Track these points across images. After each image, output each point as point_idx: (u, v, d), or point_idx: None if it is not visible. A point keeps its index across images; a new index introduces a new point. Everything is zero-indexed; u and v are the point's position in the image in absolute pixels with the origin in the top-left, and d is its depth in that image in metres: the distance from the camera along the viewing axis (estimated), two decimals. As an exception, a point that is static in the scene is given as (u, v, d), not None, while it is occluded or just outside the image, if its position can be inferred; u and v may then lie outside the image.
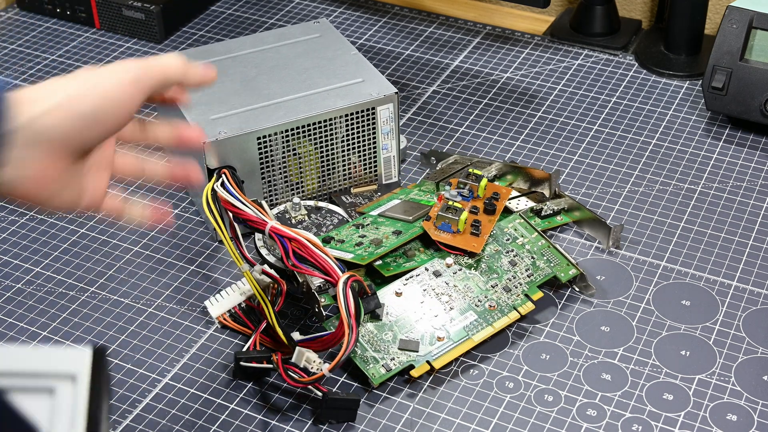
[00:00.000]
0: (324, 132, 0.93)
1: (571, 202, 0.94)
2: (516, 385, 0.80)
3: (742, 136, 1.07)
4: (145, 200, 0.99)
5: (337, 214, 0.94)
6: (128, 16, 1.25)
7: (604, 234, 0.93)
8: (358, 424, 0.77)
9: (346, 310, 0.75)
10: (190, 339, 0.85)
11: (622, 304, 0.87)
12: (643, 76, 1.17)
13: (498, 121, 1.10)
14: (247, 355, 0.79)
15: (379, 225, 0.90)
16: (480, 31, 1.26)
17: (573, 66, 1.19)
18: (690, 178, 1.01)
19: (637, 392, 0.79)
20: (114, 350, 0.84)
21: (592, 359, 0.82)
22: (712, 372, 0.81)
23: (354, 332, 0.74)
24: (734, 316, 0.86)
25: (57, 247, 0.94)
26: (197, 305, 0.88)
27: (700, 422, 0.77)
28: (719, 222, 0.96)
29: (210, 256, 0.93)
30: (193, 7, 1.30)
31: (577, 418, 0.77)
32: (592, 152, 1.05)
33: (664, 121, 1.09)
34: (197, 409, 0.79)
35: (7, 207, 0.99)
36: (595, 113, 1.11)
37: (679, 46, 1.18)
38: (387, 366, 0.79)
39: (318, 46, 1.02)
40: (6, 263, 0.93)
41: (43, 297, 0.89)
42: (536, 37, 1.25)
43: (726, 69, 1.04)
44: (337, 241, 0.88)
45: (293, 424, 0.77)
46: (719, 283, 0.89)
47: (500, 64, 1.19)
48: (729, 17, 1.03)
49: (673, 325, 0.85)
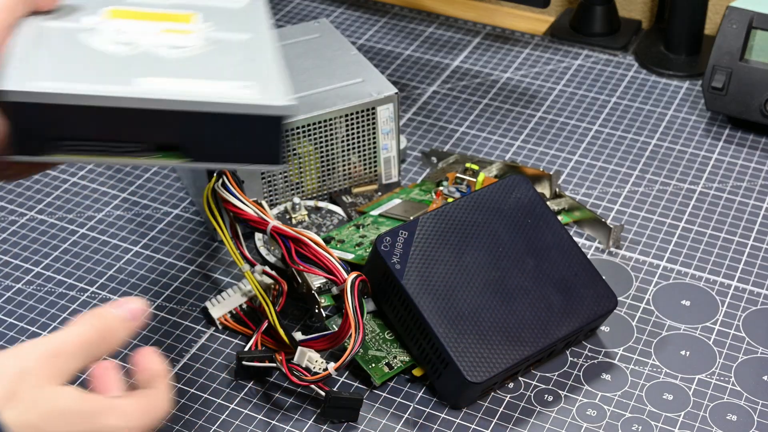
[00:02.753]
0: (324, 132, 0.93)
1: (571, 202, 0.95)
2: (516, 385, 0.80)
3: (742, 136, 1.07)
4: (145, 201, 1.00)
5: (337, 214, 0.94)
6: (128, 16, 1.25)
7: (604, 234, 0.93)
8: (358, 424, 0.77)
9: (353, 309, 0.75)
10: (190, 339, 0.85)
11: (622, 304, 0.87)
12: (643, 76, 1.17)
13: (498, 121, 1.10)
14: (249, 354, 0.79)
15: (379, 225, 0.90)
16: (480, 31, 1.26)
17: (573, 66, 1.19)
18: (690, 178, 1.01)
19: (637, 392, 0.79)
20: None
21: (592, 359, 0.82)
22: (712, 372, 0.81)
23: (360, 332, 0.75)
24: (734, 316, 0.86)
25: (57, 247, 0.94)
26: (197, 305, 0.88)
27: (700, 422, 0.77)
28: (719, 222, 0.96)
29: (210, 256, 0.93)
30: (193, 7, 1.30)
31: (577, 418, 0.78)
32: (592, 152, 1.05)
33: (664, 121, 1.09)
34: (197, 409, 0.79)
35: (7, 207, 0.99)
36: (595, 113, 1.11)
37: (679, 46, 1.18)
38: (389, 365, 0.79)
39: (318, 46, 1.02)
40: (6, 263, 0.93)
41: (43, 297, 0.89)
42: (536, 37, 1.25)
43: (726, 69, 1.04)
44: (338, 241, 0.88)
45: (293, 424, 0.77)
46: (719, 283, 0.89)
47: (500, 64, 1.19)
48: (729, 17, 1.03)
49: (673, 325, 0.85)
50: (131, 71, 0.66)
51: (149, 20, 0.72)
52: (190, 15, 0.73)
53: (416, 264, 0.78)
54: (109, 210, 0.99)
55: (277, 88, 0.67)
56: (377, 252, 0.77)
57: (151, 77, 0.66)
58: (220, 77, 0.67)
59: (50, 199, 1.00)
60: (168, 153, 0.67)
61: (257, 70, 0.69)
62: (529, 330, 0.77)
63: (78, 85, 0.64)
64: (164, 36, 0.71)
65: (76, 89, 0.63)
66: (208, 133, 0.66)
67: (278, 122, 0.65)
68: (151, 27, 0.72)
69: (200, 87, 0.66)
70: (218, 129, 0.66)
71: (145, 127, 0.66)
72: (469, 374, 0.74)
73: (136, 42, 0.70)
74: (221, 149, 0.67)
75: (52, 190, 1.01)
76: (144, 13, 0.74)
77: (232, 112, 0.65)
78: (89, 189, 1.01)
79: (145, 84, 0.65)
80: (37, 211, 0.99)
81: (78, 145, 0.66)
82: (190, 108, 0.65)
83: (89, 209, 0.99)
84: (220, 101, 0.65)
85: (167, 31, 0.71)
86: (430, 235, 0.79)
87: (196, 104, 0.65)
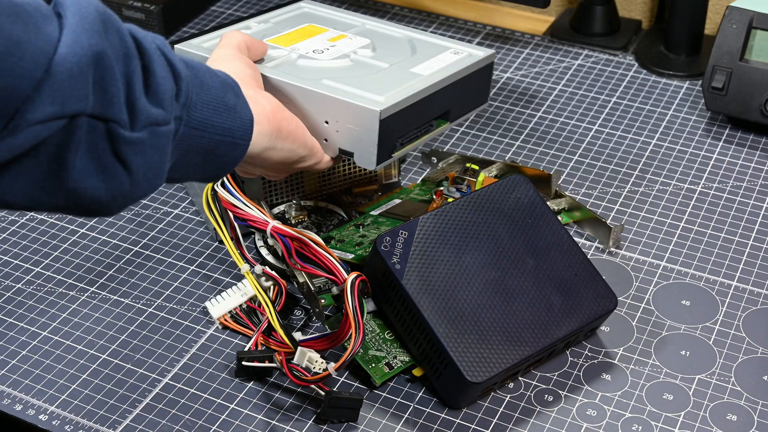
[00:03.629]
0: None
1: (572, 202, 0.95)
2: (516, 385, 0.80)
3: (742, 136, 1.07)
4: (145, 201, 1.00)
5: (337, 214, 0.94)
6: (128, 16, 1.25)
7: (604, 234, 0.93)
8: (358, 424, 0.77)
9: (353, 310, 0.75)
10: (190, 339, 0.85)
11: (622, 304, 0.87)
12: (643, 76, 1.17)
13: (498, 121, 1.10)
14: (249, 354, 0.79)
15: (379, 225, 0.90)
16: (480, 31, 1.26)
17: (573, 66, 1.19)
18: (690, 178, 1.01)
19: (637, 392, 0.79)
20: (114, 350, 0.84)
21: (592, 359, 0.82)
22: (712, 372, 0.81)
23: (361, 332, 0.75)
24: (734, 316, 0.86)
25: (57, 247, 0.94)
26: (197, 305, 0.88)
27: (700, 422, 0.77)
28: (719, 222, 0.96)
29: (210, 256, 0.93)
30: (193, 7, 1.30)
31: (577, 418, 0.78)
32: (592, 152, 1.05)
33: (664, 121, 1.09)
34: (197, 409, 0.79)
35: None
36: (595, 113, 1.11)
37: (679, 46, 1.18)
38: (389, 365, 0.79)
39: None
40: (6, 263, 0.93)
41: (43, 297, 0.89)
42: (536, 37, 1.25)
43: (726, 69, 1.04)
44: (338, 241, 0.88)
45: (293, 424, 0.77)
46: (719, 283, 0.89)
47: (500, 64, 1.19)
48: (729, 17, 1.03)
49: (673, 325, 0.85)
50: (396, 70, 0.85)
51: (307, 38, 0.90)
52: (311, 26, 0.93)
53: (416, 264, 0.78)
54: (109, 210, 0.99)
55: (466, 46, 0.90)
56: (377, 252, 0.77)
57: (415, 67, 0.86)
58: (433, 54, 0.88)
59: (50, 199, 1.00)
60: (440, 121, 0.87)
61: (431, 41, 0.91)
62: (529, 330, 0.77)
63: (398, 93, 0.81)
64: (340, 44, 0.89)
65: (404, 95, 0.81)
66: (461, 93, 0.87)
67: (490, 68, 0.89)
68: (320, 42, 0.90)
69: (448, 62, 0.87)
70: (464, 88, 0.87)
71: (433, 105, 0.84)
72: (469, 374, 0.74)
73: (341, 53, 0.87)
74: (463, 104, 0.88)
75: (52, 190, 1.01)
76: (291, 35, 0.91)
77: (473, 71, 0.87)
78: (89, 189, 1.01)
79: (418, 74, 0.84)
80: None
81: (408, 136, 0.83)
82: (461, 76, 0.86)
83: (89, 209, 0.99)
84: (469, 64, 0.87)
85: (332, 39, 0.90)
86: (430, 235, 0.79)
87: (462, 72, 0.86)
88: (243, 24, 0.94)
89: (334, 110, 0.79)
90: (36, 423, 0.78)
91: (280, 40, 0.89)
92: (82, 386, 0.81)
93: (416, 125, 0.84)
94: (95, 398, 0.80)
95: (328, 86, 0.81)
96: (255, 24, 0.94)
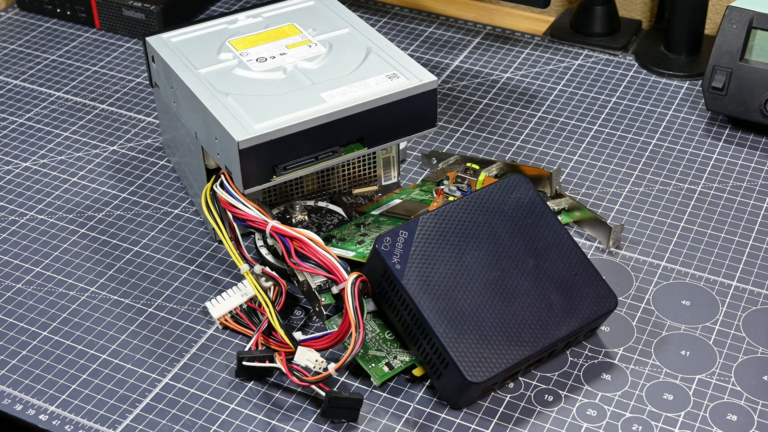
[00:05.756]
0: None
1: (572, 201, 0.95)
2: (516, 385, 0.80)
3: (742, 136, 1.07)
4: (145, 201, 1.00)
5: (337, 214, 0.94)
6: (128, 16, 1.25)
7: (604, 234, 0.93)
8: (358, 424, 0.77)
9: (353, 309, 0.75)
10: (190, 339, 0.85)
11: (622, 304, 0.87)
12: (643, 76, 1.17)
13: (498, 121, 1.10)
14: (249, 354, 0.79)
15: (380, 224, 0.90)
16: (480, 31, 1.26)
17: (573, 66, 1.19)
18: (690, 178, 1.01)
19: (637, 392, 0.79)
20: (114, 350, 0.84)
21: (592, 359, 0.82)
22: (712, 372, 0.81)
23: (361, 333, 0.75)
24: (734, 316, 0.86)
25: (57, 247, 0.94)
26: (197, 305, 0.88)
27: (700, 422, 0.77)
28: (719, 222, 0.96)
29: (210, 256, 0.93)
30: (193, 7, 1.30)
31: (577, 418, 0.78)
32: (592, 152, 1.05)
33: (664, 121, 1.09)
34: (197, 409, 0.79)
35: (7, 207, 0.99)
36: (595, 113, 1.11)
37: (679, 46, 1.18)
38: (389, 365, 0.80)
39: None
40: (6, 263, 0.93)
41: (43, 297, 0.89)
42: (536, 37, 1.25)
43: (726, 69, 1.04)
44: (339, 240, 0.88)
45: (293, 424, 0.77)
46: (719, 283, 0.89)
47: (500, 64, 1.19)
48: (729, 17, 1.03)
49: (673, 325, 0.85)
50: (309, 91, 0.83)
51: (268, 42, 0.89)
52: (291, 26, 0.91)
53: (416, 264, 0.78)
54: (109, 210, 0.99)
55: (416, 68, 0.86)
56: (377, 252, 0.77)
57: (327, 91, 0.83)
58: (368, 75, 0.85)
59: (50, 199, 1.00)
60: (350, 147, 0.84)
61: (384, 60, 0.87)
62: (529, 330, 0.77)
63: (279, 121, 0.80)
64: (294, 51, 0.88)
65: (284, 124, 0.80)
66: (382, 120, 0.84)
67: (434, 93, 0.85)
68: (277, 47, 0.88)
69: (368, 88, 0.83)
70: (388, 115, 0.84)
71: (334, 132, 0.82)
72: (470, 374, 0.74)
73: (280, 64, 0.86)
74: (393, 130, 0.85)
75: (52, 190, 1.01)
76: (257, 37, 0.91)
77: (400, 98, 0.83)
78: (89, 189, 1.01)
79: (331, 98, 0.82)
80: (37, 211, 0.99)
81: (295, 165, 0.82)
82: (373, 105, 0.83)
83: (89, 209, 0.99)
84: (389, 93, 0.83)
85: (291, 46, 0.88)
86: (430, 235, 0.79)
87: (376, 101, 0.83)
88: (232, 17, 0.94)
89: (217, 130, 0.83)
90: (36, 423, 0.78)
91: (243, 41, 0.90)
92: (82, 386, 0.81)
93: (309, 151, 0.83)
94: (95, 398, 0.80)
95: (221, 105, 0.83)
96: (243, 17, 0.94)
